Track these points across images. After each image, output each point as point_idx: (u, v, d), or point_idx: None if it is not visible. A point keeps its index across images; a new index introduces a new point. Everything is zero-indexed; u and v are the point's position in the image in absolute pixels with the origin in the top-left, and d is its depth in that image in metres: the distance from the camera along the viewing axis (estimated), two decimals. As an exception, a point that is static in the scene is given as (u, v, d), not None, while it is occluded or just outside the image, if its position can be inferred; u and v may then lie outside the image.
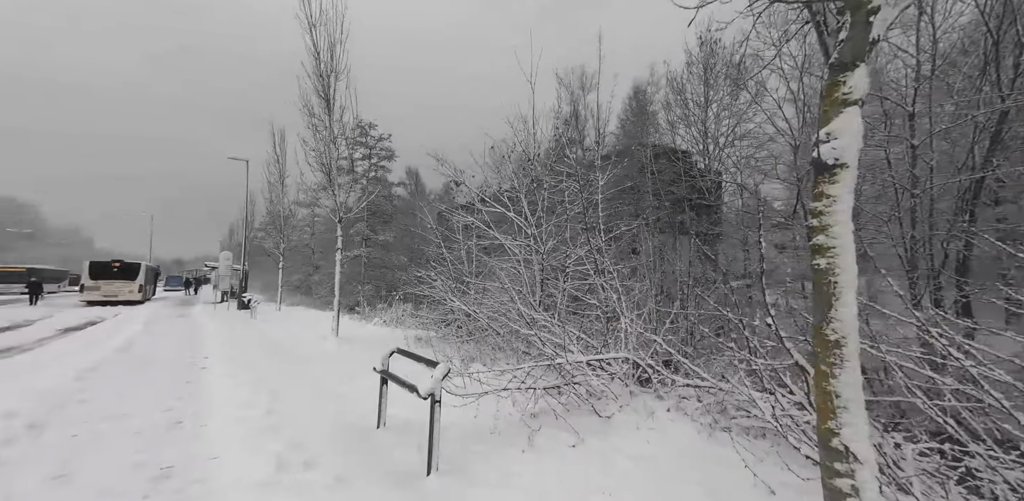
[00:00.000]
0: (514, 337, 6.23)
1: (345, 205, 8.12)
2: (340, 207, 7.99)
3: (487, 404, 3.22)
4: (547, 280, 7.04)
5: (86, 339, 8.05)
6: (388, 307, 13.61)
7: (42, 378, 4.50)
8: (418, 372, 4.74)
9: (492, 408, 3.23)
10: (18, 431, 2.90)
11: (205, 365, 5.59)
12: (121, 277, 18.55)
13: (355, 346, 7.33)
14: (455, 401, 3.01)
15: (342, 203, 7.95)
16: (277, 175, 15.14)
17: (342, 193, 8.01)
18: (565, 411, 3.36)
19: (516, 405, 3.34)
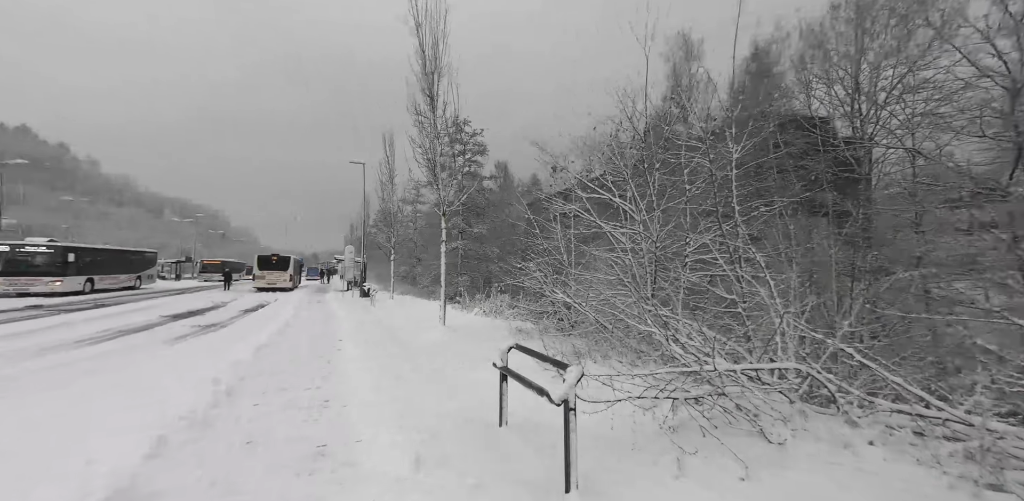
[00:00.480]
0: (626, 333, 5.69)
1: (447, 199, 8.41)
2: (443, 201, 8.30)
3: (621, 412, 2.82)
4: (659, 271, 6.28)
5: (258, 320, 9.92)
6: (486, 298, 14.09)
7: (233, 352, 5.52)
8: (534, 368, 4.62)
9: (626, 416, 2.82)
10: (220, 397, 3.49)
11: (340, 347, 6.31)
12: (278, 268, 22.90)
13: (462, 335, 7.58)
14: (583, 406, 2.69)
15: (445, 197, 8.25)
16: (387, 175, 16.75)
17: (444, 187, 8.31)
18: (712, 427, 2.78)
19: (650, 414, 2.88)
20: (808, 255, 6.19)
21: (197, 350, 6.02)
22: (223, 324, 9.39)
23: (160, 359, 5.40)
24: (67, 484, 1.91)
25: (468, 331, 8.14)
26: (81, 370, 4.88)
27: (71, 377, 4.49)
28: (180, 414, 2.94)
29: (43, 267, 15.69)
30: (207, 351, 5.82)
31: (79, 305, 12.69)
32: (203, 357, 5.34)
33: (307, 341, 6.90)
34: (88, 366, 5.09)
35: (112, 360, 5.45)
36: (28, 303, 12.81)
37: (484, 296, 14.03)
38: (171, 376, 4.23)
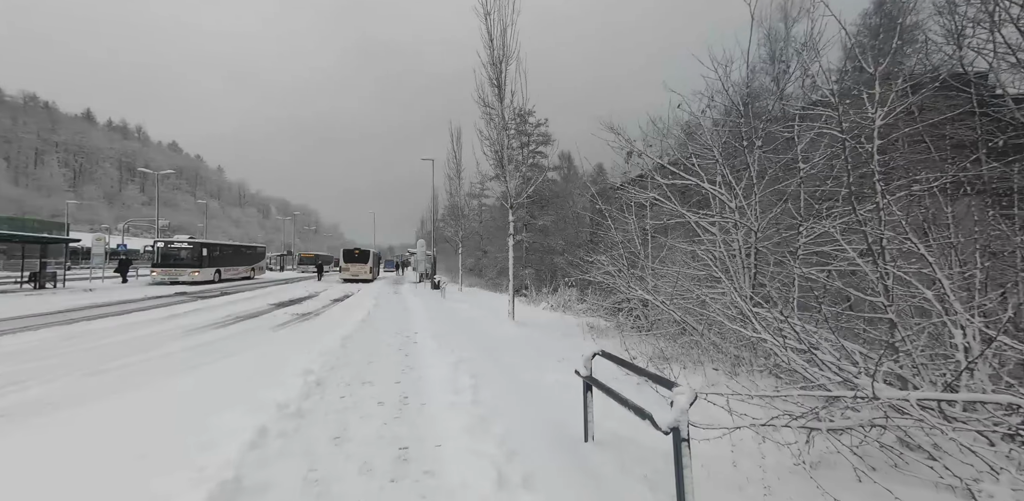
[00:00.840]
0: (720, 336, 4.97)
1: (514, 191, 8.21)
2: (510, 193, 8.12)
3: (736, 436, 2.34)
4: (759, 265, 5.39)
5: (344, 310, 10.81)
6: (553, 292, 13.79)
7: (324, 341, 5.98)
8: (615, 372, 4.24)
9: (744, 442, 2.33)
10: (312, 387, 3.70)
11: (416, 340, 6.51)
12: (360, 261, 25.05)
13: (532, 331, 7.40)
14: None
15: (511, 189, 8.05)
16: (455, 169, 17.17)
17: (510, 179, 8.11)
18: (870, 469, 2.17)
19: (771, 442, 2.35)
20: (973, 244, 4.78)
21: (294, 338, 6.65)
22: (316, 313, 10.39)
23: (266, 345, 6.04)
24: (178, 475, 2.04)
25: (538, 327, 7.94)
26: (209, 351, 5.65)
27: (199, 360, 5.19)
28: (279, 402, 3.12)
29: (186, 260, 18.98)
30: (302, 339, 6.38)
31: (210, 293, 15.09)
32: (299, 345, 5.84)
33: (386, 333, 7.25)
34: (213, 349, 5.88)
35: (231, 344, 6.24)
36: (176, 290, 15.58)
37: (551, 290, 13.75)
38: (274, 364, 4.64)
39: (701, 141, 6.44)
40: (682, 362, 4.69)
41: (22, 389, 3.79)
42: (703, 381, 3.81)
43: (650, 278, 6.82)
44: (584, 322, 8.39)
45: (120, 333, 7.04)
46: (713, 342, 4.77)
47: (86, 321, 8.11)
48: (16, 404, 3.43)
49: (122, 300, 11.89)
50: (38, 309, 9.63)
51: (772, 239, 5.38)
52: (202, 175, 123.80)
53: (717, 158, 5.79)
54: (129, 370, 4.61)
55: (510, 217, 8.33)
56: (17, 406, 3.39)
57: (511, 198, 8.17)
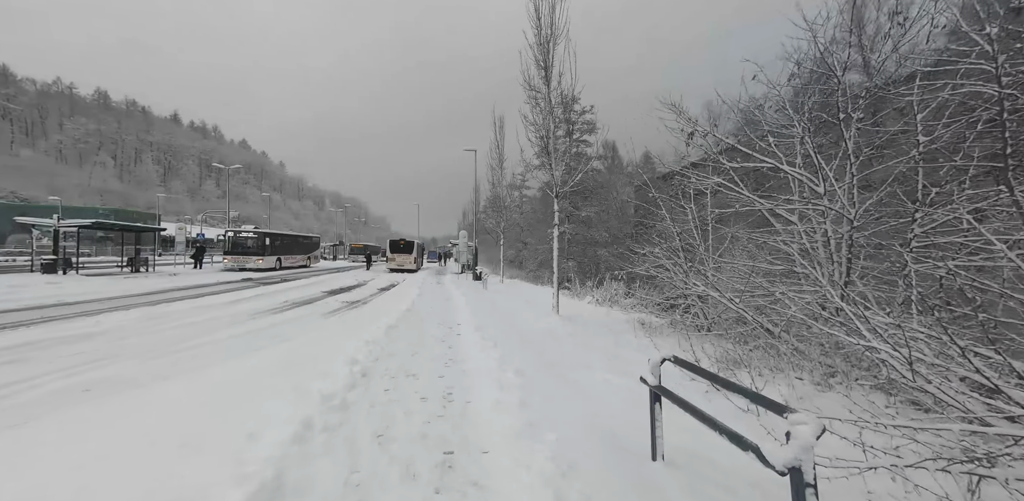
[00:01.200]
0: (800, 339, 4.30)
1: (559, 179, 7.77)
2: (555, 181, 7.69)
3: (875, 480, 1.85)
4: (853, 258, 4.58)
5: (390, 299, 11.08)
6: (598, 285, 13.23)
7: (370, 330, 6.04)
8: (682, 383, 3.77)
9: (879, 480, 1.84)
10: (357, 378, 3.64)
11: (459, 331, 6.40)
12: (405, 251, 25.85)
13: (578, 326, 7.02)
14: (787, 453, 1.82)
15: (557, 177, 7.62)
16: (497, 159, 16.93)
17: (556, 165, 7.67)
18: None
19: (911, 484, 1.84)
20: None
21: (343, 326, 6.80)
22: (364, 301, 10.73)
23: (317, 331, 6.21)
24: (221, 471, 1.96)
25: (584, 322, 7.53)
26: (266, 336, 5.91)
27: (258, 344, 5.42)
28: (324, 394, 3.06)
29: (252, 248, 20.60)
30: (350, 327, 6.50)
31: (271, 279, 16.24)
32: (347, 333, 5.94)
33: (429, 323, 7.22)
34: (270, 334, 6.15)
35: (286, 329, 6.51)
36: (243, 277, 16.95)
37: (595, 283, 13.19)
38: (323, 351, 4.70)
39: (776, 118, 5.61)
40: (756, 368, 4.11)
41: (99, 367, 4.10)
42: (789, 393, 3.26)
43: (711, 273, 6.15)
44: (633, 318, 7.86)
45: (194, 315, 7.63)
46: (795, 347, 4.12)
47: (167, 303, 8.92)
48: (88, 382, 3.68)
49: (199, 284, 13.08)
50: (132, 290, 10.81)
51: (869, 229, 4.54)
52: (267, 170, 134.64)
53: (800, 135, 4.97)
54: (196, 351, 4.89)
55: (555, 207, 7.92)
56: (89, 383, 3.64)
57: (556, 187, 7.74)
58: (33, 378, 3.68)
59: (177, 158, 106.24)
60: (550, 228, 24.98)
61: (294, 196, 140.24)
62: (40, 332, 5.62)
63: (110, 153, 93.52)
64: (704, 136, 5.52)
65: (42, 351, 4.67)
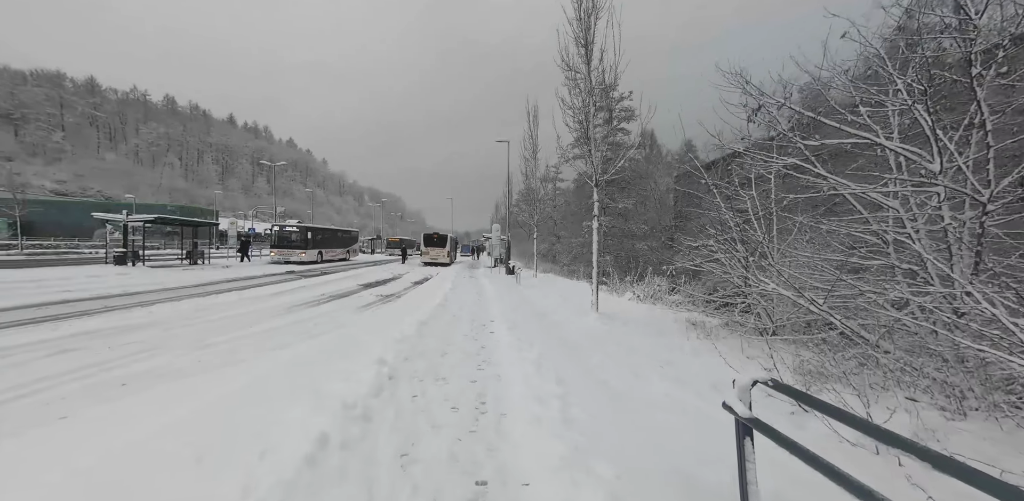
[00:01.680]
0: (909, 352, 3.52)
1: (599, 167, 7.14)
2: (596, 169, 7.08)
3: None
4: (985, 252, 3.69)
5: (422, 293, 10.99)
6: (638, 279, 12.45)
7: (400, 326, 5.84)
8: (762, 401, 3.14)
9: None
10: (383, 381, 3.37)
11: (492, 329, 6.05)
12: (438, 245, 26.06)
13: (621, 326, 6.45)
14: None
15: (597, 165, 7.00)
16: (531, 150, 16.34)
17: (596, 151, 7.05)
18: None
19: None
20: None
21: (375, 320, 6.68)
22: (398, 295, 10.72)
23: (349, 326, 6.11)
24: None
25: (627, 321, 6.95)
26: (299, 331, 5.88)
27: (290, 339, 5.37)
28: (346, 402, 2.79)
29: (296, 242, 21.52)
30: (382, 322, 6.36)
31: (312, 272, 16.82)
32: (378, 328, 5.78)
33: (461, 319, 6.95)
34: (304, 328, 6.13)
35: (320, 323, 6.49)
36: (287, 269, 17.71)
37: (635, 278, 12.41)
38: (352, 348, 4.52)
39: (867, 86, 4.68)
40: (850, 383, 3.39)
41: (140, 360, 4.13)
42: (910, 423, 2.57)
43: (783, 268, 5.36)
44: (681, 318, 7.15)
45: (237, 307, 7.86)
46: (904, 362, 3.36)
47: (215, 295, 9.31)
48: (126, 376, 3.67)
49: (247, 276, 13.74)
50: (187, 281, 11.48)
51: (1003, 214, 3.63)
52: (311, 167, 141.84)
53: (904, 103, 4.07)
54: (232, 345, 4.89)
55: (594, 197, 7.32)
56: (127, 377, 3.62)
57: (595, 175, 7.13)
58: (76, 370, 3.73)
59: (232, 157, 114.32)
60: (588, 220, 24.06)
61: (336, 192, 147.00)
62: (99, 322, 5.91)
63: (177, 154, 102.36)
64: (779, 108, 4.70)
65: (98, 340, 4.85)
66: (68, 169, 75.72)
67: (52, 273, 11.72)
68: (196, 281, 11.64)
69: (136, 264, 14.71)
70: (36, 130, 78.37)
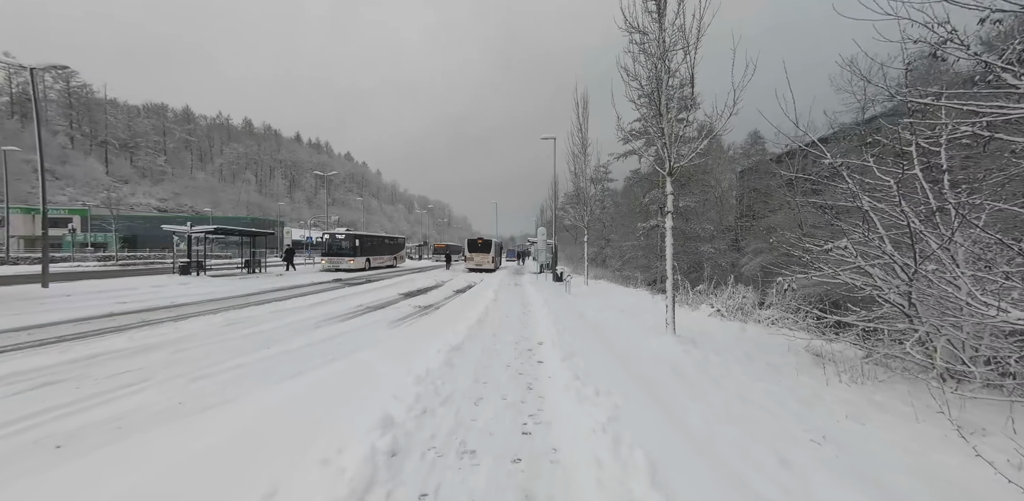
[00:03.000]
0: None
1: (674, 151, 5.62)
2: (669, 153, 5.57)
3: None
4: None
5: (462, 304, 9.99)
6: (711, 288, 10.46)
7: (428, 353, 4.78)
8: None
9: None
10: (379, 463, 2.24)
11: (541, 357, 4.79)
12: (483, 250, 25.32)
13: (713, 357, 4.85)
14: None
15: (671, 142, 5.49)
16: (580, 144, 14.90)
17: (669, 126, 5.54)
18: None
19: None
20: None
21: (403, 342, 5.70)
22: (436, 306, 9.83)
23: (371, 349, 5.17)
24: None
25: (717, 346, 5.31)
26: (318, 353, 5.05)
27: (302, 366, 4.51)
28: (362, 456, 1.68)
29: (345, 250, 21.87)
30: (410, 346, 5.36)
31: (358, 280, 16.68)
32: (403, 354, 4.77)
33: (502, 341, 5.77)
34: (324, 349, 5.30)
35: (343, 343, 5.65)
36: (334, 277, 17.80)
37: (709, 286, 10.45)
38: (359, 388, 3.50)
39: None
40: None
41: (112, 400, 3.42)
42: None
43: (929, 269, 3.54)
44: (793, 343, 5.35)
45: (267, 321, 7.35)
46: None
47: (253, 306, 9.03)
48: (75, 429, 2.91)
49: (293, 285, 13.75)
50: (238, 291, 11.57)
51: None
52: (366, 178, 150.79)
53: None
54: (229, 376, 4.12)
55: (667, 188, 5.80)
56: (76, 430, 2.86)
57: (669, 161, 5.61)
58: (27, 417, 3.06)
59: (298, 172, 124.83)
60: (643, 221, 21.87)
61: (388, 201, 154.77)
62: (117, 342, 5.49)
63: (252, 171, 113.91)
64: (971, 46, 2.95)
65: (95, 368, 4.32)
66: (169, 188, 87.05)
67: (125, 283, 12.43)
68: (244, 291, 11.68)
69: (200, 274, 15.44)
70: (145, 155, 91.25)
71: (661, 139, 5.54)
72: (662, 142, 5.56)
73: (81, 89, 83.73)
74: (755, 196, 26.93)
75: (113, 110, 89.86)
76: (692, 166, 22.77)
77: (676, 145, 5.48)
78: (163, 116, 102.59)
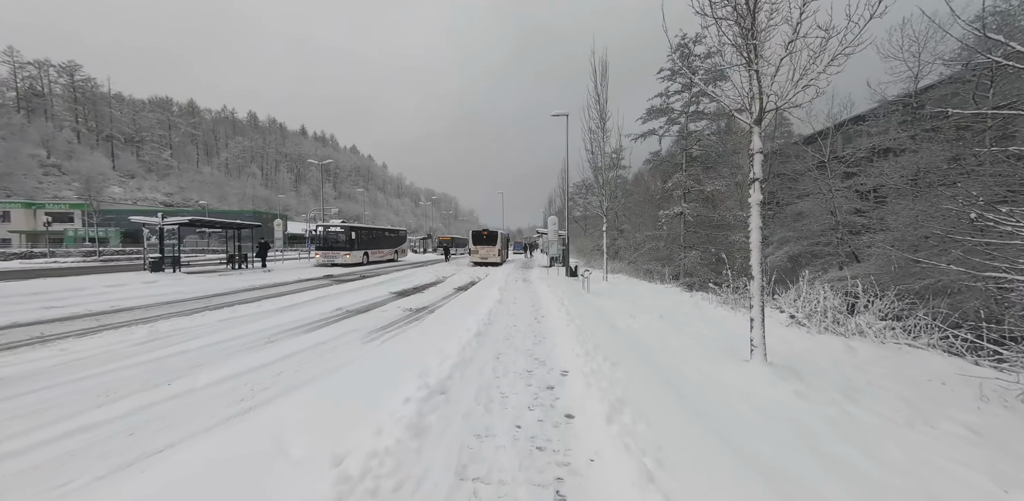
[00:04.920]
0: None
1: (767, 93, 3.67)
2: (762, 86, 3.62)
3: None
4: None
5: (461, 306, 8.22)
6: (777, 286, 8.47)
7: (395, 397, 3.01)
8: None
9: None
10: None
11: (570, 409, 2.96)
12: (489, 243, 23.50)
13: (850, 405, 2.99)
14: None
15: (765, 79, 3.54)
16: (598, 117, 12.85)
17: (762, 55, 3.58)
18: None
19: None
20: None
21: (369, 372, 3.93)
22: (431, 308, 8.09)
23: (333, 380, 3.41)
24: None
25: (837, 384, 3.44)
26: (237, 397, 3.32)
27: (210, 418, 2.78)
28: None
29: (340, 243, 20.26)
30: (375, 379, 3.59)
31: (350, 276, 15.03)
32: (365, 393, 3.01)
33: (510, 373, 3.99)
34: (254, 386, 3.57)
35: (283, 375, 3.93)
36: (325, 273, 16.19)
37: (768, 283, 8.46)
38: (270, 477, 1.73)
39: None
40: None
41: None
42: None
43: None
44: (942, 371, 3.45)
45: (212, 332, 5.71)
46: None
47: (205, 312, 7.41)
48: None
49: (274, 283, 12.14)
50: (207, 291, 10.00)
51: None
52: (372, 171, 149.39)
53: None
54: (77, 445, 2.41)
55: (754, 143, 3.85)
56: None
57: (762, 100, 3.66)
58: None
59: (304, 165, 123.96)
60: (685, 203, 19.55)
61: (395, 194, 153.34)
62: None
63: (258, 165, 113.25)
64: None
65: None
66: (174, 182, 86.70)
67: (79, 282, 10.94)
68: (213, 291, 10.09)
69: (176, 270, 13.95)
70: (151, 150, 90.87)
71: (751, 65, 3.57)
72: (752, 71, 3.60)
73: (86, 83, 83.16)
74: (779, 182, 24.66)
75: (118, 104, 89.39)
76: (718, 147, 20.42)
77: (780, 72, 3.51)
78: (168, 110, 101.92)
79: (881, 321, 5.41)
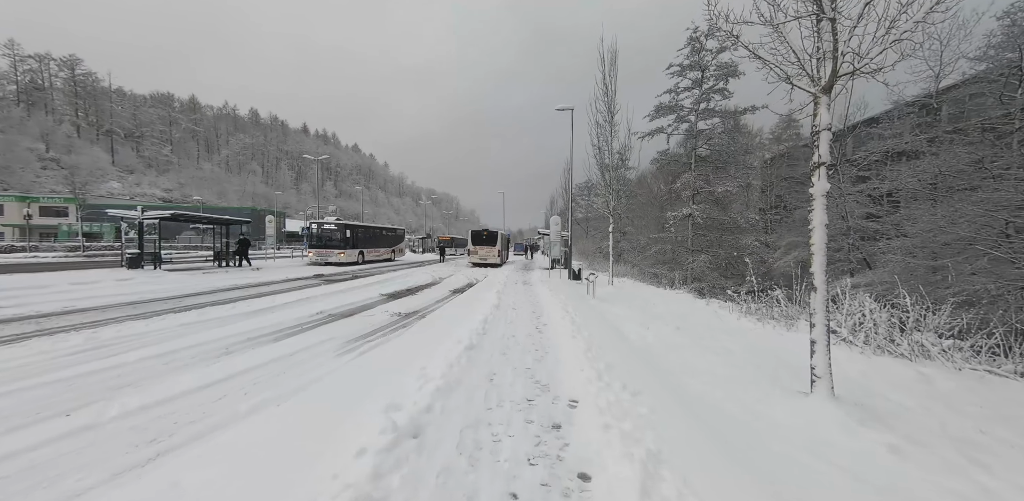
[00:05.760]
0: None
1: (842, 51, 2.88)
2: (831, 48, 2.84)
3: None
4: None
5: (455, 311, 7.42)
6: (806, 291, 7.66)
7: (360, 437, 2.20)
8: None
9: None
10: None
11: (584, 460, 2.16)
12: (488, 243, 22.69)
13: (942, 458, 2.19)
14: None
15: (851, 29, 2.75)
16: (605, 111, 12.05)
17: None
18: None
19: None
20: None
21: (338, 398, 3.12)
22: (421, 313, 7.29)
23: (290, 408, 2.62)
24: None
25: (924, 426, 2.62)
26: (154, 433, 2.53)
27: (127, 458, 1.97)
28: None
29: (334, 241, 19.46)
30: (336, 416, 2.79)
31: (341, 276, 14.24)
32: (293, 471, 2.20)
33: (507, 396, 3.22)
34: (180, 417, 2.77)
35: (255, 389, 3.13)
36: (316, 272, 15.41)
37: (802, 289, 7.65)
38: None
39: None
40: None
41: None
42: None
43: None
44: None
45: (167, 339, 4.94)
46: None
47: (172, 314, 6.63)
48: None
49: (258, 283, 11.36)
50: (182, 290, 9.25)
51: None
52: (373, 170, 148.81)
53: None
54: None
55: (821, 118, 3.06)
56: None
57: (836, 61, 2.87)
58: None
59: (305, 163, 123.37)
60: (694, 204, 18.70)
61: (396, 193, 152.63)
62: None
63: (258, 162, 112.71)
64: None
65: None
66: (174, 179, 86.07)
67: (44, 279, 10.17)
68: (188, 291, 9.31)
69: (157, 267, 13.17)
70: (151, 145, 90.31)
71: (822, 14, 2.78)
72: (826, 19, 2.80)
73: (86, 77, 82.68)
74: (786, 185, 23.91)
75: (119, 99, 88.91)
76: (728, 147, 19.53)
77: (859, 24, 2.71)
78: (169, 106, 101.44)
79: (945, 340, 4.60)
